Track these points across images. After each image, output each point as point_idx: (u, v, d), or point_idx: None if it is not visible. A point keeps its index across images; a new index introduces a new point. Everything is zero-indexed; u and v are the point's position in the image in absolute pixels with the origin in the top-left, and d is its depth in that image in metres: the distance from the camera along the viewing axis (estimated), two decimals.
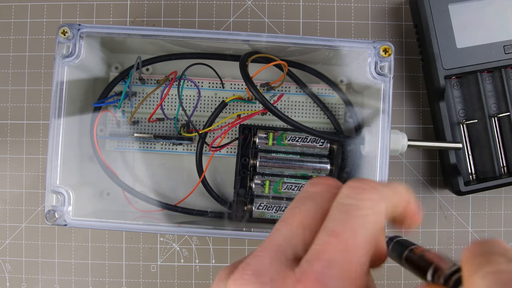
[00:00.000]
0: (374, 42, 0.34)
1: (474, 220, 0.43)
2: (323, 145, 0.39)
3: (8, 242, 0.43)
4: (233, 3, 0.43)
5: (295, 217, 0.18)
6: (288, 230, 0.18)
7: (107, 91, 0.40)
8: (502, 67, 0.40)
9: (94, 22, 0.43)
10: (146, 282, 0.43)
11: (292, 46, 0.35)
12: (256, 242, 0.43)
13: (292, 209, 0.19)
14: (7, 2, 0.44)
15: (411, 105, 0.43)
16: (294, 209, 0.19)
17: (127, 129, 0.41)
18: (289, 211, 0.19)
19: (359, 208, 0.17)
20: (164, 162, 0.42)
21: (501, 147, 0.41)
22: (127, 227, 0.34)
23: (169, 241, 0.43)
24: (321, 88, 0.41)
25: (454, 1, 0.39)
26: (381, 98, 0.34)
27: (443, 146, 0.39)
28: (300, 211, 0.18)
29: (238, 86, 0.41)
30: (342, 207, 0.17)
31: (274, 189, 0.39)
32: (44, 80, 0.43)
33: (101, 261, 0.43)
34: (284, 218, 0.19)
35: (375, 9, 0.43)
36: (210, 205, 0.41)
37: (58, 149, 0.34)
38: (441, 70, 0.39)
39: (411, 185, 0.43)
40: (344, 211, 0.17)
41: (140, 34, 0.34)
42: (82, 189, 0.37)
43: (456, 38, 0.39)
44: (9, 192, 0.43)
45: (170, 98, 0.41)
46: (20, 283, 0.43)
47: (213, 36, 0.34)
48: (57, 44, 0.34)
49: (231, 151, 0.41)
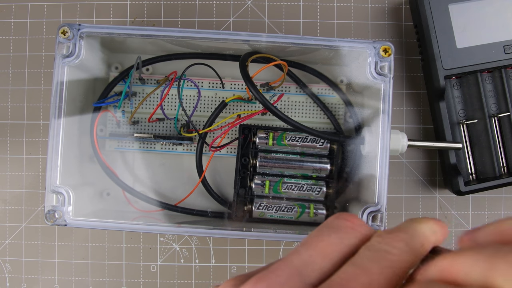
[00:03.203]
0: (374, 42, 0.34)
1: (474, 220, 0.43)
2: (323, 145, 0.39)
3: (8, 242, 0.43)
4: (233, 3, 0.43)
5: (318, 245, 0.18)
6: (308, 255, 0.18)
7: (107, 91, 0.40)
8: (502, 67, 0.40)
9: (94, 22, 0.43)
10: (146, 282, 0.43)
11: (292, 46, 0.35)
12: (256, 242, 0.43)
13: (315, 236, 0.19)
14: (7, 2, 0.44)
15: (411, 105, 0.43)
16: (317, 237, 0.19)
17: (127, 129, 0.41)
18: (312, 238, 0.19)
19: (388, 252, 0.18)
20: (164, 162, 0.42)
21: (501, 147, 0.41)
22: (127, 227, 0.34)
23: (169, 241, 0.43)
24: (321, 88, 0.41)
25: (454, 1, 0.39)
26: (381, 98, 0.34)
27: (443, 146, 0.39)
28: (323, 239, 0.19)
29: (238, 86, 0.41)
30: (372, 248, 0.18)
31: (274, 189, 0.39)
32: (44, 80, 0.43)
33: (101, 261, 0.43)
34: (306, 243, 0.19)
35: (375, 9, 0.43)
36: (210, 205, 0.41)
37: (58, 149, 0.34)
38: (441, 70, 0.39)
39: (411, 185, 0.43)
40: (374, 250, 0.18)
41: (140, 34, 0.34)
42: (82, 189, 0.37)
43: (456, 38, 0.39)
44: (9, 192, 0.43)
45: (170, 98, 0.41)
46: (20, 283, 0.43)
47: (213, 36, 0.34)
48: (57, 44, 0.34)
49: (231, 151, 0.41)
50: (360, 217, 0.34)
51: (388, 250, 0.18)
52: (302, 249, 0.18)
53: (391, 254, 0.17)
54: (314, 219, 0.39)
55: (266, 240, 0.43)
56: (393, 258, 0.17)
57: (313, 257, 0.18)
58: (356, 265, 0.17)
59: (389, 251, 0.18)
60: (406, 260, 0.18)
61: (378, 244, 0.18)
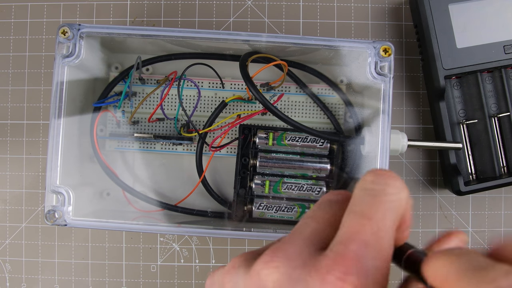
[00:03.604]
0: (374, 42, 0.34)
1: (474, 220, 0.43)
2: (323, 145, 0.39)
3: (8, 242, 0.43)
4: (233, 3, 0.43)
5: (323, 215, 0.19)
6: (316, 224, 0.19)
7: (107, 91, 0.40)
8: (502, 67, 0.40)
9: (94, 22, 0.43)
10: (146, 282, 0.43)
11: (292, 46, 0.35)
12: (256, 242, 0.43)
13: (318, 209, 0.20)
14: (7, 2, 0.44)
15: (411, 105, 0.43)
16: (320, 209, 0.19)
17: (127, 129, 0.41)
18: (316, 211, 0.20)
19: (386, 193, 0.18)
20: (164, 162, 0.42)
21: (501, 147, 0.41)
22: (127, 227, 0.34)
23: (169, 241, 0.43)
24: (321, 88, 0.41)
25: (454, 1, 0.39)
26: (381, 98, 0.34)
27: (443, 146, 0.39)
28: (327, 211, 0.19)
29: (238, 86, 0.41)
30: (369, 191, 0.18)
31: (274, 189, 0.39)
32: (44, 80, 0.43)
33: (101, 261, 0.43)
34: (311, 215, 0.19)
35: (375, 9, 0.43)
36: (210, 205, 0.41)
37: (58, 149, 0.34)
38: (441, 70, 0.39)
39: (411, 185, 0.43)
40: (372, 195, 0.18)
41: (140, 34, 0.34)
42: (82, 189, 0.37)
43: (456, 38, 0.39)
44: (9, 192, 0.43)
45: (170, 98, 0.41)
46: (20, 283, 0.43)
47: (213, 36, 0.34)
48: (57, 44, 0.34)
49: (231, 151, 0.41)
50: None
51: (385, 190, 0.18)
52: (309, 220, 0.19)
53: (389, 195, 0.18)
54: None
55: (266, 240, 0.43)
56: (391, 199, 0.17)
57: (321, 226, 0.19)
58: (357, 213, 0.17)
59: (386, 192, 0.18)
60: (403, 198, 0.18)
61: (373, 184, 0.18)
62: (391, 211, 0.17)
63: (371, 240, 0.17)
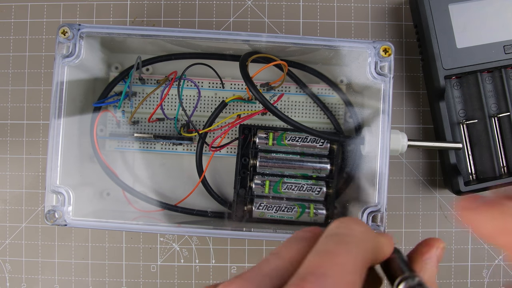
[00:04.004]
0: (374, 42, 0.34)
1: None
2: (323, 145, 0.39)
3: (8, 242, 0.43)
4: (233, 3, 0.43)
5: (287, 252, 0.19)
6: (278, 261, 0.19)
7: (107, 91, 0.40)
8: (502, 67, 0.40)
9: (94, 22, 0.43)
10: (146, 282, 0.43)
11: (292, 46, 0.35)
12: (256, 242, 0.43)
13: (284, 246, 0.20)
14: (7, 2, 0.44)
15: (411, 105, 0.43)
16: (286, 247, 0.19)
17: (127, 129, 0.41)
18: (281, 248, 0.20)
19: (350, 234, 0.18)
20: (164, 162, 0.42)
21: (501, 147, 0.41)
22: (127, 227, 0.34)
23: (169, 241, 0.43)
24: (321, 88, 0.41)
25: (454, 1, 0.39)
26: (381, 98, 0.34)
27: (443, 146, 0.39)
28: (292, 248, 0.19)
29: (238, 86, 0.41)
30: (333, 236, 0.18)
31: (274, 189, 0.39)
32: (44, 80, 0.43)
33: (101, 261, 0.43)
34: (276, 252, 0.19)
35: (375, 9, 0.43)
36: (210, 205, 0.41)
37: (58, 149, 0.34)
38: (441, 70, 0.39)
39: (411, 185, 0.43)
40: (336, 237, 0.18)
41: (140, 34, 0.34)
42: (82, 189, 0.37)
43: (456, 38, 0.39)
44: (9, 192, 0.43)
45: (170, 98, 0.41)
46: (20, 283, 0.43)
47: (213, 36, 0.34)
48: (57, 44, 0.34)
49: (231, 151, 0.41)
50: (360, 217, 0.34)
51: (349, 233, 0.18)
52: (271, 257, 0.19)
53: (353, 236, 0.18)
54: (314, 219, 0.39)
55: (266, 240, 0.43)
56: (356, 239, 0.18)
57: (283, 264, 0.19)
58: (321, 252, 0.17)
59: (350, 233, 0.18)
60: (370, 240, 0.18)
61: (338, 229, 0.19)
62: (356, 249, 0.17)
63: (331, 271, 0.16)
